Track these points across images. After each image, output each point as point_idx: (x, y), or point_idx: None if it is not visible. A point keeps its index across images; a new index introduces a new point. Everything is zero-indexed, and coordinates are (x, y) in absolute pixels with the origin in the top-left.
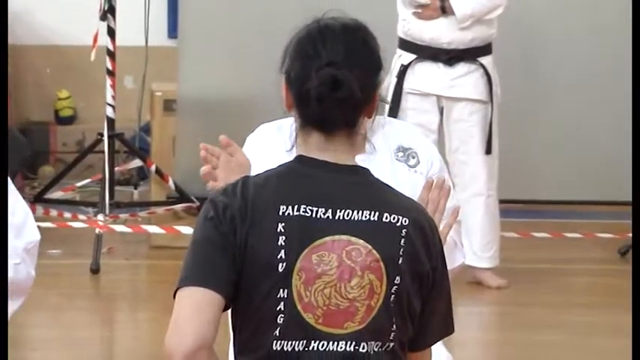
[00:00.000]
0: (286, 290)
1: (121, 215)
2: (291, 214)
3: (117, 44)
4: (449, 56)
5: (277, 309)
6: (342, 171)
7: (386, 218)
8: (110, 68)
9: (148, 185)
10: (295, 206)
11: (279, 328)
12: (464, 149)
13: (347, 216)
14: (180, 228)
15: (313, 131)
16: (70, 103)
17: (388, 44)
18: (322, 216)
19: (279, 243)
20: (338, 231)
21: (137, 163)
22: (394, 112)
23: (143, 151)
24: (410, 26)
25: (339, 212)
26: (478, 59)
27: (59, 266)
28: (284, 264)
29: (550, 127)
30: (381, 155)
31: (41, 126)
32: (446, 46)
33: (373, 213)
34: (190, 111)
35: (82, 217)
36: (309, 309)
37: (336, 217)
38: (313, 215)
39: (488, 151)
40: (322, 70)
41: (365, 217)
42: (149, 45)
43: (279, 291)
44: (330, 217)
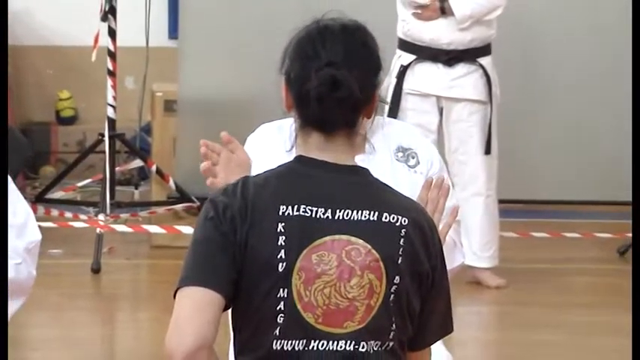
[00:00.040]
0: (286, 290)
1: (122, 215)
2: (291, 214)
3: (118, 45)
4: (448, 57)
5: (277, 308)
6: (342, 171)
7: (385, 218)
8: (111, 69)
9: (149, 185)
10: (295, 206)
11: (279, 328)
12: (463, 149)
13: (346, 216)
14: (180, 228)
15: (313, 131)
16: (71, 104)
17: (388, 45)
18: (322, 216)
19: (279, 243)
20: (338, 231)
21: (138, 163)
22: (394, 113)
23: (144, 152)
24: (409, 27)
25: (339, 212)
26: (477, 60)
27: (60, 266)
28: (284, 264)
29: (549, 128)
30: (381, 155)
31: (42, 126)
32: (445, 47)
33: (373, 213)
34: (191, 111)
35: (83, 217)
36: (308, 308)
37: (336, 217)
38: (313, 215)
39: (487, 152)
40: (322, 71)
41: (364, 217)
42: (150, 46)
43: (279, 291)
44: (330, 217)
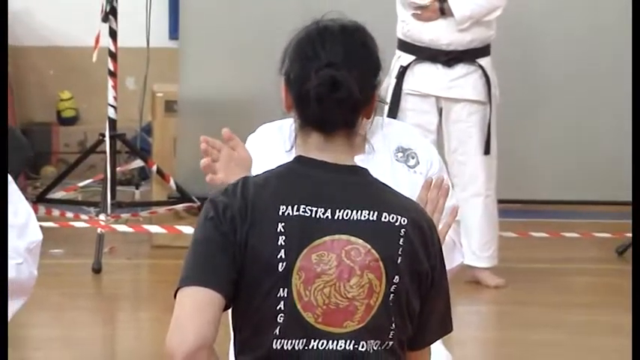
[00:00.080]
0: (286, 289)
1: (123, 215)
2: (290, 214)
3: (118, 46)
4: (448, 57)
5: (277, 308)
6: (342, 171)
7: (385, 218)
8: (112, 69)
9: (150, 185)
10: (295, 206)
11: (279, 327)
12: (463, 150)
13: (346, 216)
14: (181, 228)
15: (313, 132)
16: (72, 104)
17: (387, 45)
18: (322, 216)
19: (279, 243)
20: (337, 231)
21: (138, 164)
22: (393, 113)
23: (144, 152)
24: (409, 27)
25: (339, 212)
26: (477, 60)
27: (61, 266)
28: (284, 263)
29: (549, 128)
30: (381, 156)
31: (44, 127)
32: (445, 48)
33: (372, 213)
34: (191, 112)
35: (84, 217)
36: (308, 308)
37: (336, 217)
38: (313, 215)
39: (486, 152)
40: (321, 71)
41: (364, 217)
42: (150, 46)
43: (279, 290)
44: (330, 217)
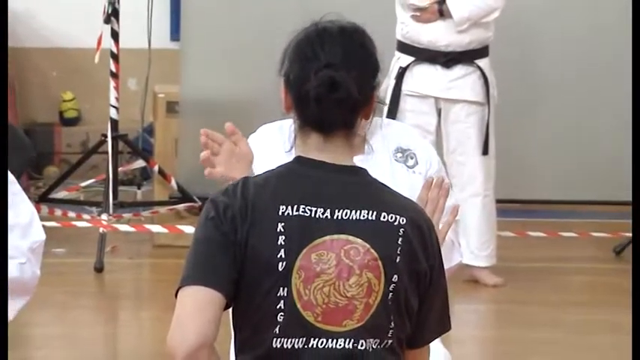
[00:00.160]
0: (286, 289)
1: (125, 215)
2: (290, 214)
3: (120, 47)
4: (446, 59)
5: (277, 307)
6: (341, 171)
7: (384, 218)
8: (114, 70)
9: (151, 185)
10: (295, 206)
11: (279, 326)
12: (461, 150)
13: (345, 216)
14: (182, 227)
15: (312, 132)
16: (75, 105)
17: (386, 47)
18: (321, 216)
19: (279, 242)
20: (337, 230)
21: (140, 164)
22: (392, 114)
23: (146, 152)
24: (408, 29)
25: (338, 212)
26: (475, 61)
27: (63, 265)
28: (284, 263)
29: (548, 128)
30: (380, 156)
31: (46, 127)
32: (443, 49)
33: (371, 212)
34: (192, 112)
35: (86, 217)
36: (308, 307)
37: (335, 217)
38: (312, 215)
39: (485, 152)
40: (321, 72)
41: (363, 217)
42: (152, 47)
43: (279, 289)
44: (329, 217)
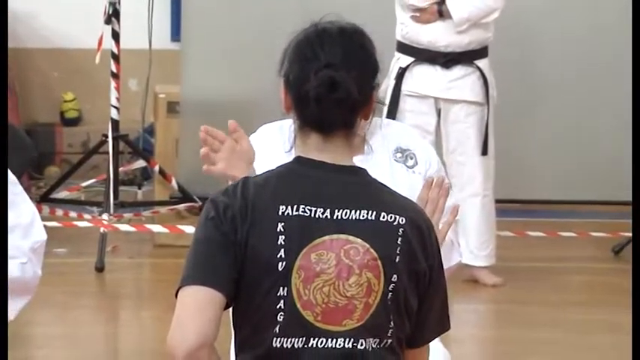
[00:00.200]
0: (286, 288)
1: (125, 215)
2: (290, 214)
3: (121, 47)
4: (446, 59)
5: (277, 307)
6: (340, 171)
7: (383, 217)
8: (115, 71)
9: (152, 185)
10: (295, 206)
11: (278, 326)
12: (461, 150)
13: (345, 215)
14: (183, 227)
15: (312, 132)
16: (76, 105)
17: (386, 47)
18: (321, 216)
19: (279, 242)
20: (336, 230)
21: (141, 164)
22: (392, 114)
23: (147, 152)
24: (408, 30)
25: (338, 212)
26: (475, 62)
27: (64, 265)
28: (284, 263)
29: (547, 128)
30: (380, 156)
31: (47, 127)
32: (443, 49)
33: (371, 212)
34: (193, 113)
35: (87, 217)
36: (308, 307)
37: (335, 217)
38: (312, 215)
39: (484, 152)
40: (320, 72)
41: (363, 217)
42: (153, 48)
43: (279, 289)
44: (329, 217)
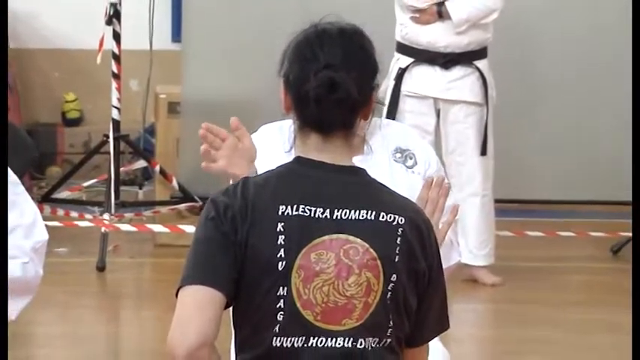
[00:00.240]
0: (286, 288)
1: (126, 214)
2: (290, 214)
3: (122, 48)
4: (445, 60)
5: (277, 306)
6: (340, 171)
7: (382, 217)
8: (116, 71)
9: (153, 185)
10: (294, 206)
11: (278, 325)
12: (460, 150)
13: (344, 215)
14: (183, 227)
15: (311, 132)
16: (77, 106)
17: (386, 48)
18: (321, 216)
19: (278, 242)
20: (336, 230)
21: (142, 164)
22: (392, 114)
23: (148, 152)
24: (407, 30)
25: (337, 212)
26: (474, 63)
27: (66, 264)
28: (284, 262)
29: (547, 128)
30: (379, 156)
31: (49, 127)
32: (442, 50)
33: (370, 212)
34: (194, 113)
35: (89, 217)
36: (308, 306)
37: (334, 217)
38: (312, 215)
39: (483, 153)
40: (320, 73)
41: (362, 217)
42: (153, 49)
43: (278, 289)
44: (329, 217)
